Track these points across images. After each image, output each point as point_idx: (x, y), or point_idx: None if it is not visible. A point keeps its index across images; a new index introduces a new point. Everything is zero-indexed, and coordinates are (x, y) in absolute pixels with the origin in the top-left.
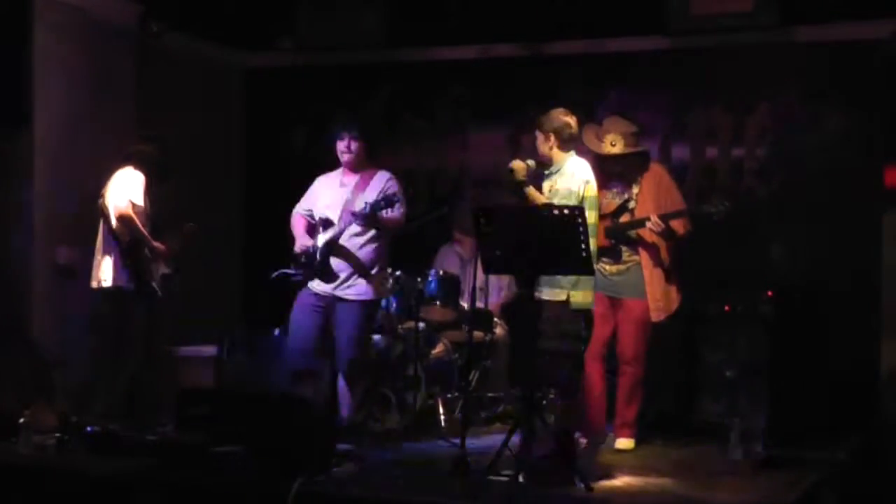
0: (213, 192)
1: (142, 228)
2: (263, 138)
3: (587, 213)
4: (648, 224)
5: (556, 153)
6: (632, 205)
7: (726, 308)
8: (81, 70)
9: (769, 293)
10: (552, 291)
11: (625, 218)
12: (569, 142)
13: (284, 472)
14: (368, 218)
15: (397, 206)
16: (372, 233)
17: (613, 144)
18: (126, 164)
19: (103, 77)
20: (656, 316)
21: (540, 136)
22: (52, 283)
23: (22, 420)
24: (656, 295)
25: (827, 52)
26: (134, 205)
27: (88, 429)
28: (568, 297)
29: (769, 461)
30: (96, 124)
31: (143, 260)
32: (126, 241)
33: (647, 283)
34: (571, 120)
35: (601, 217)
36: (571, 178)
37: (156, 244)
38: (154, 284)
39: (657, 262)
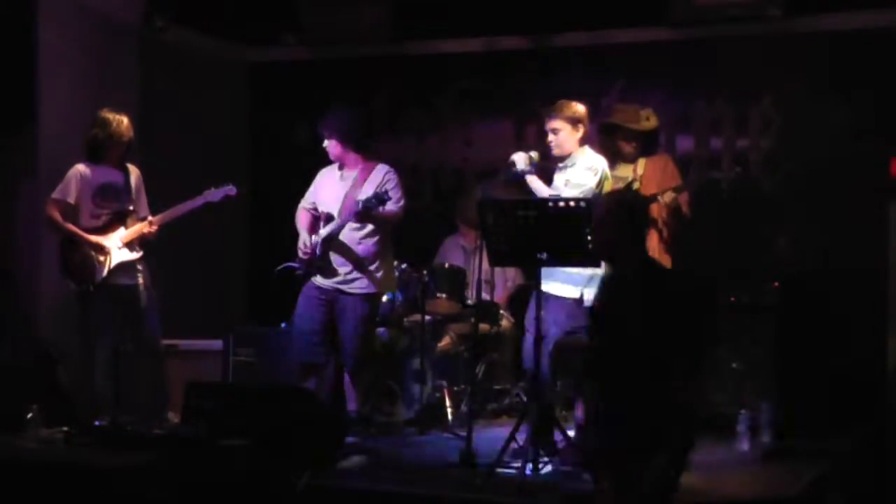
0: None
1: (65, 225)
2: (267, 133)
3: None
4: (663, 198)
5: (576, 145)
6: (636, 185)
7: (732, 299)
8: (85, 67)
9: (775, 284)
10: (566, 288)
11: None
12: (587, 133)
13: (292, 466)
14: (362, 215)
15: (392, 200)
16: (371, 227)
17: (648, 119)
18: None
19: (107, 73)
20: None
21: (567, 128)
22: (58, 279)
23: (29, 415)
24: None
25: (832, 42)
26: (57, 201)
27: (96, 422)
28: (582, 294)
29: (775, 453)
30: None
31: (82, 256)
32: (60, 241)
33: None
34: (586, 111)
35: None
36: (588, 172)
37: (89, 238)
38: (90, 282)
39: (652, 244)
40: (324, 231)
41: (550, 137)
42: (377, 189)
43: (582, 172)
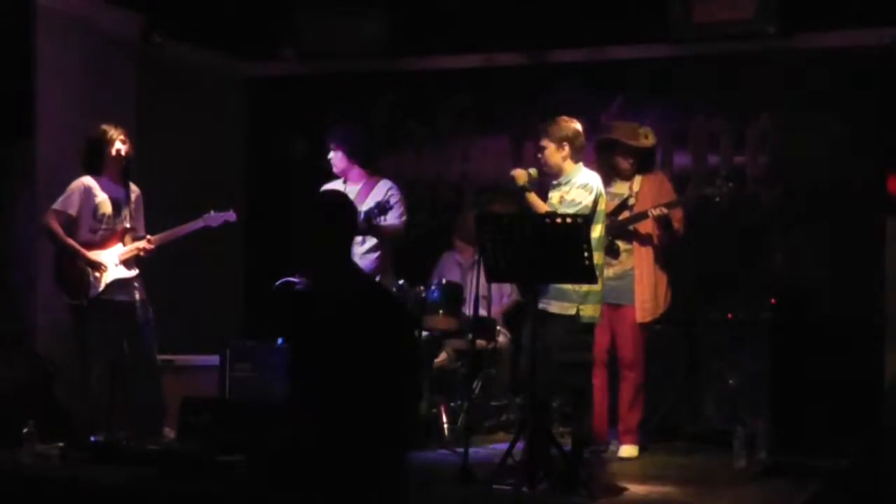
0: (214, 201)
1: (65, 239)
2: (265, 147)
3: (595, 228)
4: (652, 212)
5: (568, 163)
6: (632, 202)
7: (729, 315)
8: (83, 81)
9: (772, 300)
10: (561, 305)
11: (624, 215)
12: (580, 151)
13: (286, 482)
14: (364, 227)
15: (393, 214)
16: (373, 241)
17: (646, 137)
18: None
19: (105, 87)
20: (642, 317)
21: (551, 146)
22: (55, 292)
23: (25, 430)
24: (644, 295)
25: (828, 59)
26: (58, 213)
27: (92, 438)
28: (577, 310)
29: (772, 469)
30: None
31: (78, 271)
32: (56, 253)
33: (637, 283)
34: (580, 128)
35: None
36: (583, 190)
37: (86, 254)
38: (84, 297)
39: (648, 260)
40: None
41: (539, 154)
42: (378, 202)
43: (576, 190)
